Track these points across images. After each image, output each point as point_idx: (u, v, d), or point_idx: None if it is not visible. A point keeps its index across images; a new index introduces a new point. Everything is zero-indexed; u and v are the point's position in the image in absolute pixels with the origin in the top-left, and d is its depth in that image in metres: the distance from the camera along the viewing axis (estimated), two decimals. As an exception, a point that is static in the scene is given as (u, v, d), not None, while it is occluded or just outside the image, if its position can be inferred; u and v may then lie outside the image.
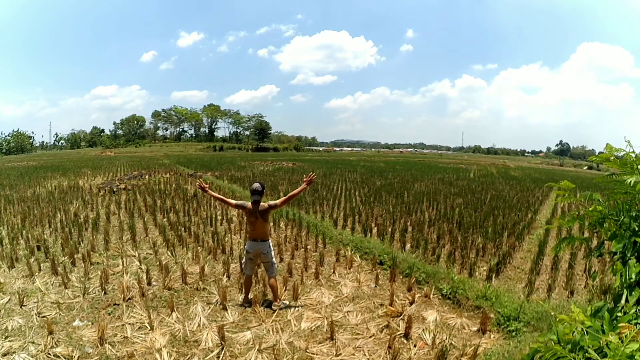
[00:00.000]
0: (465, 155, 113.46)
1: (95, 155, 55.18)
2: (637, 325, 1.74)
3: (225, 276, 5.96)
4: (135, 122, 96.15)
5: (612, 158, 2.35)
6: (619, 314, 1.85)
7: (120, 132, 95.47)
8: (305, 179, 4.53)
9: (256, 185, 4.73)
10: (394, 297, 5.14)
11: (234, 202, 4.95)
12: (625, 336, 1.60)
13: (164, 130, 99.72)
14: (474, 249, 7.65)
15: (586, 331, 1.73)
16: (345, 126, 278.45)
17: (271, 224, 9.21)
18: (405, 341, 4.17)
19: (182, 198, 12.83)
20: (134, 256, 6.82)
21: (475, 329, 4.56)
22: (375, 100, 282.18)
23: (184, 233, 8.42)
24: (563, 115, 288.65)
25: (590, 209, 2.37)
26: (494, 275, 6.28)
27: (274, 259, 4.86)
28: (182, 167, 28.23)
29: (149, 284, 5.54)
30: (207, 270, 6.10)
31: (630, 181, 2.08)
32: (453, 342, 4.19)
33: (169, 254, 7.02)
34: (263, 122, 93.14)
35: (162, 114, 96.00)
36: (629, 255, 2.05)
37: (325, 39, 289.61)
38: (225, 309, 4.78)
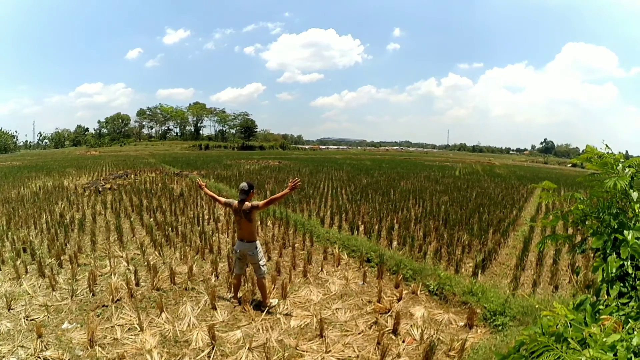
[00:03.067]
0: (450, 153, 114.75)
1: (80, 155, 54.28)
2: (620, 317, 1.84)
3: (213, 275, 5.94)
4: (120, 120, 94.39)
5: (594, 158, 2.46)
6: (601, 307, 1.93)
7: (104, 130, 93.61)
8: (289, 184, 4.52)
9: (243, 184, 4.82)
10: (382, 294, 5.22)
11: (223, 199, 5.08)
12: (607, 327, 1.68)
13: (149, 129, 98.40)
14: (460, 245, 7.76)
15: (569, 324, 1.80)
16: (332, 124, 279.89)
17: (258, 222, 9.21)
18: (393, 337, 4.24)
19: (169, 197, 12.74)
20: (122, 257, 6.74)
21: (462, 324, 4.65)
22: (362, 98, 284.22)
23: (171, 233, 8.34)
24: (548, 114, 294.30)
25: (572, 207, 2.49)
26: (480, 271, 6.40)
27: (262, 260, 4.83)
28: (168, 166, 27.94)
29: (137, 284, 5.50)
30: (196, 270, 6.08)
31: (610, 184, 2.17)
32: (441, 337, 4.27)
33: (157, 254, 6.96)
34: (249, 120, 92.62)
35: (148, 112, 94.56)
36: (609, 251, 2.13)
37: (312, 37, 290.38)
38: (214, 308, 4.77)
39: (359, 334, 4.27)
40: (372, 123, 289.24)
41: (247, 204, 4.69)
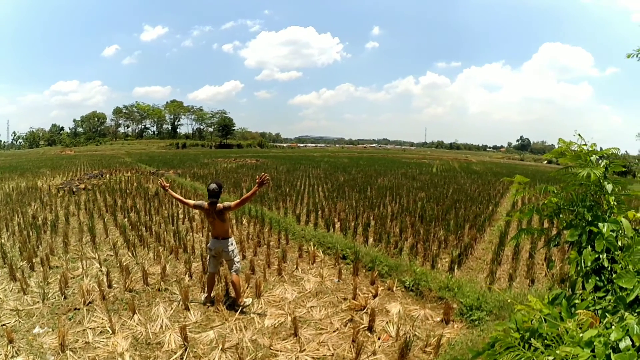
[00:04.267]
0: (428, 150, 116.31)
1: (55, 155, 52.80)
2: (597, 311, 1.81)
3: (187, 275, 5.78)
4: (96, 119, 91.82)
5: (567, 152, 2.40)
6: (577, 302, 1.90)
7: (80, 129, 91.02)
8: (257, 180, 4.41)
9: (213, 186, 4.65)
10: (358, 290, 5.16)
11: (192, 202, 4.92)
12: (584, 322, 1.65)
13: (126, 128, 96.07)
14: (436, 241, 7.80)
15: (544, 319, 1.77)
16: (310, 122, 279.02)
17: (233, 221, 9.04)
18: (369, 334, 4.18)
19: (144, 197, 12.42)
20: (94, 258, 6.52)
21: (438, 319, 4.64)
22: (340, 96, 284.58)
23: (145, 233, 8.12)
24: (524, 112, 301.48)
25: (546, 201, 2.46)
26: (456, 267, 6.43)
27: (237, 257, 4.77)
28: (144, 165, 27.38)
29: (109, 286, 5.33)
30: (169, 270, 5.91)
31: (584, 174, 2.14)
32: (417, 333, 4.25)
33: (130, 254, 6.75)
34: (227, 118, 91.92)
35: (124, 111, 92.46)
36: (584, 244, 2.11)
37: (291, 35, 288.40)
38: (187, 309, 4.64)
39: (334, 332, 4.21)
40: (350, 121, 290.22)
41: (219, 205, 4.59)
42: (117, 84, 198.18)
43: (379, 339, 4.08)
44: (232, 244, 4.71)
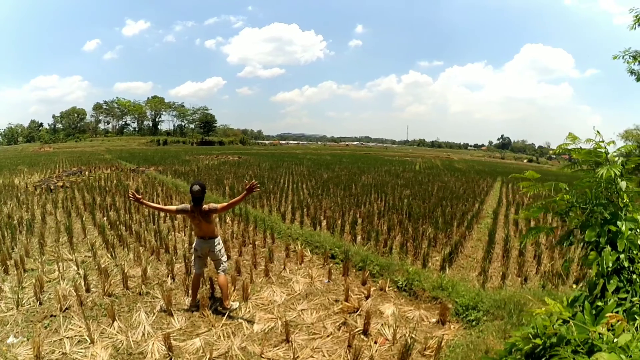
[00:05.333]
0: (410, 148, 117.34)
1: (33, 151, 51.32)
2: (622, 313, 1.72)
3: (169, 278, 5.49)
4: (76, 115, 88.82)
5: (580, 148, 2.32)
6: (599, 304, 1.79)
7: (59, 126, 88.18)
8: (246, 186, 4.16)
9: (196, 187, 4.32)
10: (349, 292, 4.98)
11: (174, 207, 4.59)
12: (613, 326, 1.55)
13: (106, 124, 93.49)
14: (425, 239, 7.70)
15: (567, 322, 1.65)
16: (292, 120, 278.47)
17: (216, 219, 8.73)
18: (364, 338, 4.01)
19: (123, 195, 11.97)
20: (71, 260, 6.16)
21: (434, 320, 4.51)
22: (323, 94, 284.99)
23: (125, 232, 7.78)
24: (505, 112, 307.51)
25: (557, 198, 2.37)
26: (447, 265, 6.34)
27: (224, 257, 4.55)
28: (125, 162, 26.69)
29: (87, 290, 5.00)
30: (150, 273, 5.61)
31: (603, 172, 2.05)
32: (414, 336, 4.09)
33: (109, 256, 6.40)
34: (208, 115, 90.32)
35: (104, 107, 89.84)
36: (603, 243, 2.00)
37: (275, 32, 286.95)
38: (171, 314, 4.37)
39: (328, 336, 4.01)
40: (332, 119, 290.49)
41: (204, 206, 4.34)
42: (97, 79, 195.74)
43: (375, 342, 3.91)
44: (219, 243, 4.49)
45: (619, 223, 1.98)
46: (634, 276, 1.90)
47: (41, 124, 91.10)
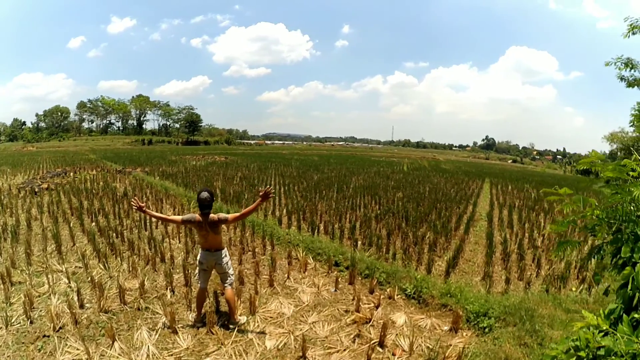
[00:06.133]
0: (395, 148, 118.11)
1: (16, 151, 49.76)
2: None
3: (168, 291, 5.18)
4: (59, 113, 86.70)
5: (613, 167, 2.45)
6: (635, 315, 1.87)
7: (43, 124, 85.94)
8: (260, 193, 3.98)
9: (205, 194, 4.07)
10: (359, 301, 4.82)
11: (179, 218, 4.24)
12: None
13: (90, 123, 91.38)
14: (425, 244, 7.62)
15: (607, 334, 1.77)
16: (278, 119, 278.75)
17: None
18: (381, 350, 3.88)
19: (112, 198, 11.54)
20: (61, 271, 5.78)
21: (446, 328, 4.43)
22: (308, 94, 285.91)
23: (116, 240, 7.42)
24: (490, 113, 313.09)
25: (587, 212, 2.43)
26: (451, 270, 6.27)
27: (230, 269, 4.30)
28: (110, 163, 25.95)
29: (81, 306, 4.65)
30: (148, 285, 5.29)
31: (637, 194, 2.14)
32: (429, 345, 4.00)
33: (102, 266, 6.03)
34: (194, 114, 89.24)
35: (88, 105, 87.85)
36: (637, 259, 2.10)
37: (261, 31, 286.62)
38: (175, 332, 4.09)
39: (345, 350, 3.85)
40: (318, 118, 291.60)
41: (213, 216, 4.08)
42: (81, 78, 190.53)
43: (393, 354, 3.78)
44: (226, 255, 4.24)
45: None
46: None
47: (24, 123, 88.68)
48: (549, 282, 5.88)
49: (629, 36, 7.03)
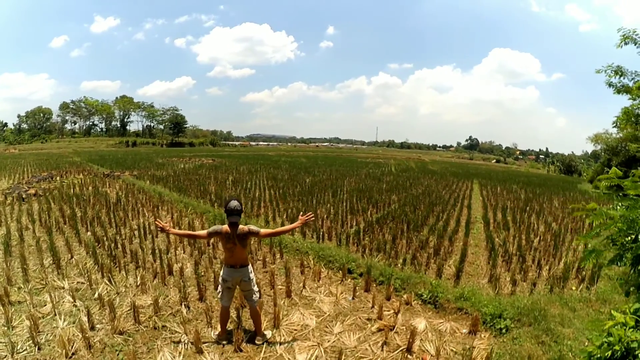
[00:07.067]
0: (380, 149, 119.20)
1: (-1, 153, 47.92)
2: None
3: (183, 306, 4.97)
4: (42, 114, 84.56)
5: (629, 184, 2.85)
6: None
7: (25, 126, 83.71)
8: (301, 218, 4.01)
9: (234, 203, 3.90)
10: (378, 308, 4.89)
11: (204, 232, 4.06)
12: None
13: (73, 124, 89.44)
14: (430, 248, 7.71)
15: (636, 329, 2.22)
16: (262, 120, 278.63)
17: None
18: (410, 356, 3.96)
19: (105, 205, 11.13)
20: (63, 288, 5.44)
21: (465, 331, 4.56)
22: (292, 95, 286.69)
23: (117, 251, 7.09)
24: (473, 113, 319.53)
25: (609, 224, 2.77)
26: (461, 274, 6.37)
27: (255, 286, 4.16)
28: (96, 166, 25.17)
29: (92, 328, 4.34)
30: (160, 301, 5.05)
31: None
32: (454, 349, 4.12)
33: (107, 281, 5.72)
34: (179, 115, 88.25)
35: (71, 106, 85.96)
36: None
37: (246, 32, 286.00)
38: (200, 351, 3.91)
39: (377, 359, 3.88)
40: (302, 119, 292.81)
41: (243, 227, 3.93)
42: (64, 78, 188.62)
43: None
44: (251, 271, 4.10)
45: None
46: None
47: (5, 124, 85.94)
48: (552, 283, 6.04)
49: (621, 46, 7.29)
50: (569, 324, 4.42)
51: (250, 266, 4.12)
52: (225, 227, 3.93)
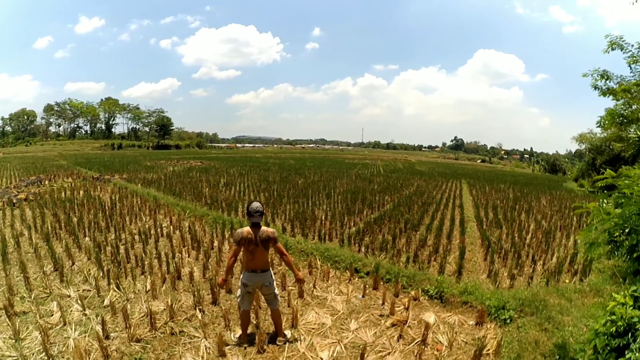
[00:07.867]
0: (366, 150, 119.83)
1: (-17, 157, 46.34)
2: None
3: (198, 311, 4.93)
4: (26, 117, 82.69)
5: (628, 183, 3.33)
6: None
7: (8, 128, 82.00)
8: (299, 276, 4.28)
9: (257, 205, 3.93)
10: (388, 304, 5.10)
11: (233, 246, 4.05)
12: None
13: (57, 127, 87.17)
14: (429, 246, 7.93)
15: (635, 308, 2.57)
16: (248, 122, 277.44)
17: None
18: (425, 347, 4.14)
19: (101, 209, 10.96)
20: (69, 296, 5.29)
21: (472, 322, 4.79)
22: (278, 96, 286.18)
23: (120, 256, 6.96)
24: (458, 114, 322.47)
25: (606, 219, 3.12)
26: (462, 270, 6.59)
27: (276, 289, 4.21)
28: (84, 169, 24.72)
29: (107, 337, 4.19)
30: (174, 306, 5.00)
31: None
32: (465, 340, 4.35)
33: (115, 287, 5.62)
34: (165, 117, 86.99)
35: (56, 108, 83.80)
36: None
37: (232, 33, 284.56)
38: (223, 355, 3.92)
39: (395, 352, 4.06)
40: (287, 121, 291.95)
41: (265, 229, 3.96)
42: (48, 79, 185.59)
43: (437, 350, 4.08)
44: (272, 275, 4.15)
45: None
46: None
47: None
48: (547, 276, 6.32)
49: (608, 52, 7.62)
50: (568, 313, 4.68)
51: (271, 271, 4.16)
52: (246, 229, 3.94)
